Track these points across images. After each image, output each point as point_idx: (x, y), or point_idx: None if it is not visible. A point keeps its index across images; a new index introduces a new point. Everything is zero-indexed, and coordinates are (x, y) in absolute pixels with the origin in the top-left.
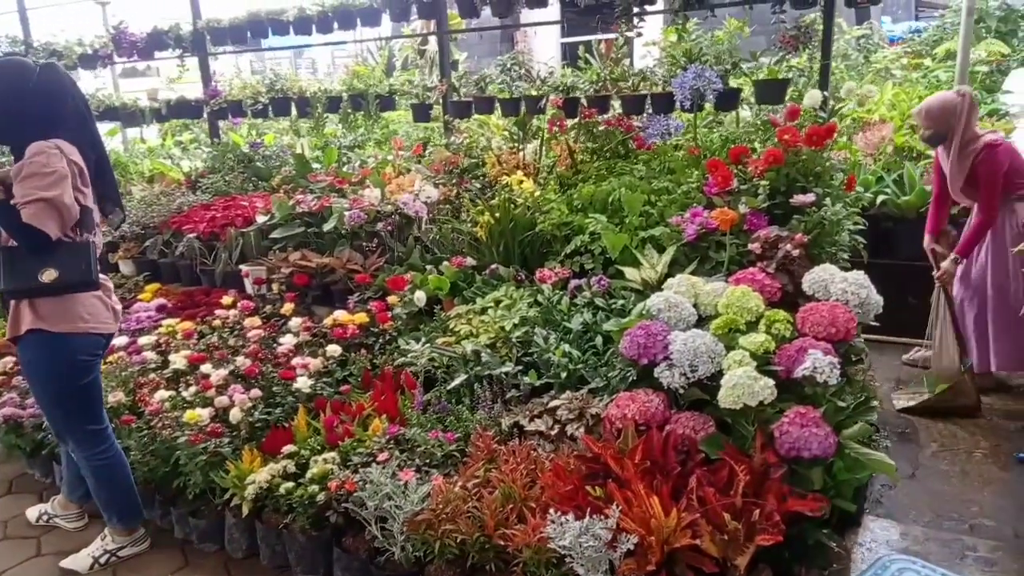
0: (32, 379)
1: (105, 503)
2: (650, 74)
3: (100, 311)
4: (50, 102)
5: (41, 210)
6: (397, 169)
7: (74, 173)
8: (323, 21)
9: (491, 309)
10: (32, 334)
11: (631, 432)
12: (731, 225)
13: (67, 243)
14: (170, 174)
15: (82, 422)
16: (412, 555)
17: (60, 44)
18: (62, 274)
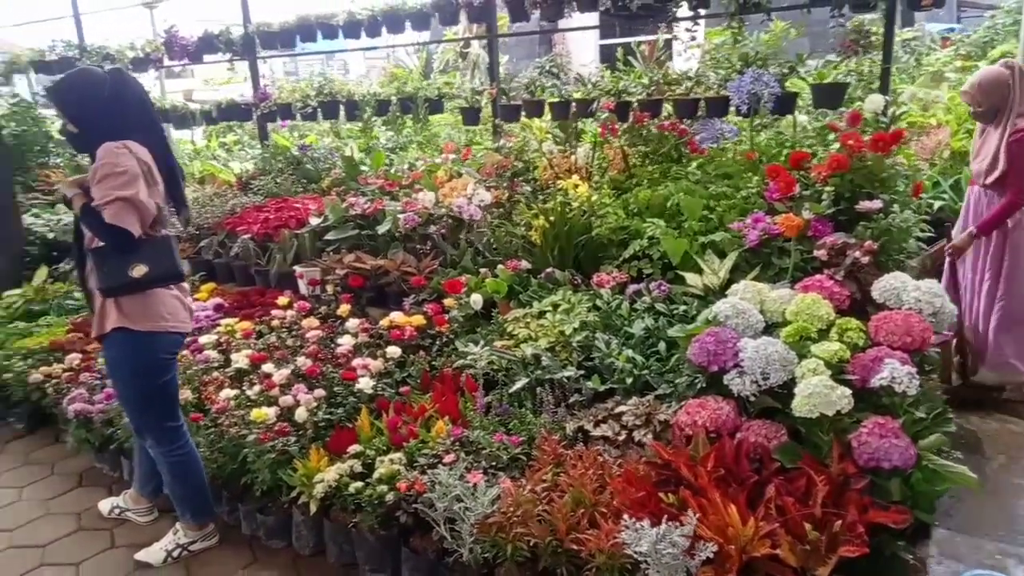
0: (115, 376)
1: (179, 498)
2: (704, 78)
3: (179, 310)
4: (121, 107)
5: (121, 209)
6: (448, 172)
7: (144, 172)
8: (372, 25)
9: (549, 313)
10: (117, 332)
11: (702, 439)
12: (797, 231)
13: (150, 239)
14: (220, 176)
15: (160, 419)
16: (480, 556)
17: (113, 48)
18: (151, 268)
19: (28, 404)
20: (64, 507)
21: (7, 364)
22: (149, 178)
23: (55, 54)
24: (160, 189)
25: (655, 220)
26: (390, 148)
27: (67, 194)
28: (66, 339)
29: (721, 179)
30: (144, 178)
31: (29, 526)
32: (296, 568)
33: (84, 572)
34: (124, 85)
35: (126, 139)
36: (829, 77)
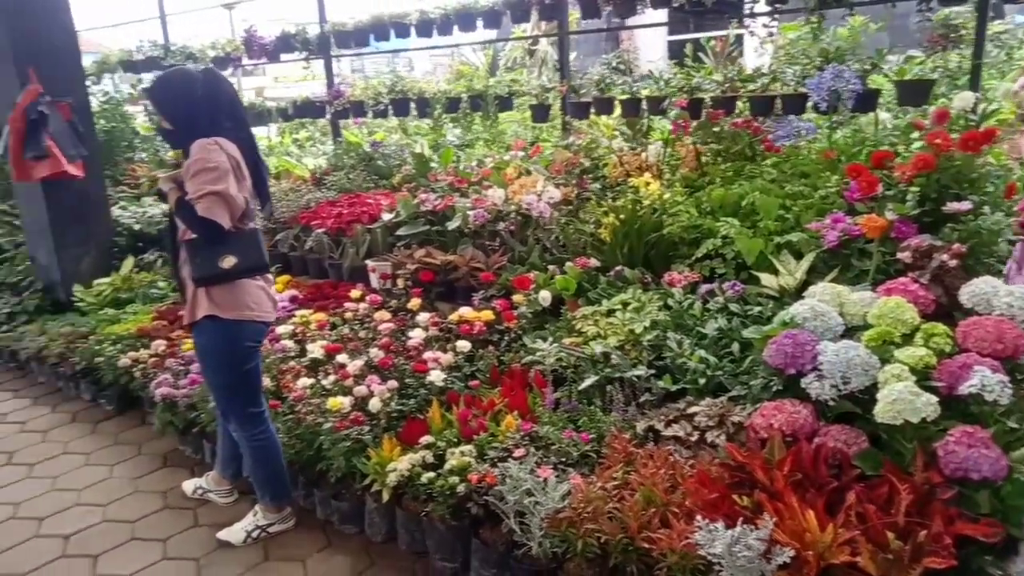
0: (204, 362)
1: (260, 482)
2: (780, 74)
3: (264, 300)
4: (213, 105)
5: (213, 203)
6: (517, 169)
7: (233, 167)
8: (444, 23)
9: (619, 311)
10: (207, 320)
11: (778, 443)
12: (880, 232)
13: (238, 232)
14: (295, 171)
15: (244, 404)
16: (550, 550)
17: (195, 48)
18: (239, 260)
19: (117, 387)
20: (151, 485)
21: (98, 349)
22: (238, 173)
23: (142, 54)
24: (248, 184)
25: (729, 219)
26: (458, 145)
27: (163, 189)
28: (152, 326)
29: (798, 178)
30: (234, 173)
31: (120, 502)
32: (368, 554)
33: (171, 547)
34: (216, 84)
35: (217, 136)
36: (910, 73)
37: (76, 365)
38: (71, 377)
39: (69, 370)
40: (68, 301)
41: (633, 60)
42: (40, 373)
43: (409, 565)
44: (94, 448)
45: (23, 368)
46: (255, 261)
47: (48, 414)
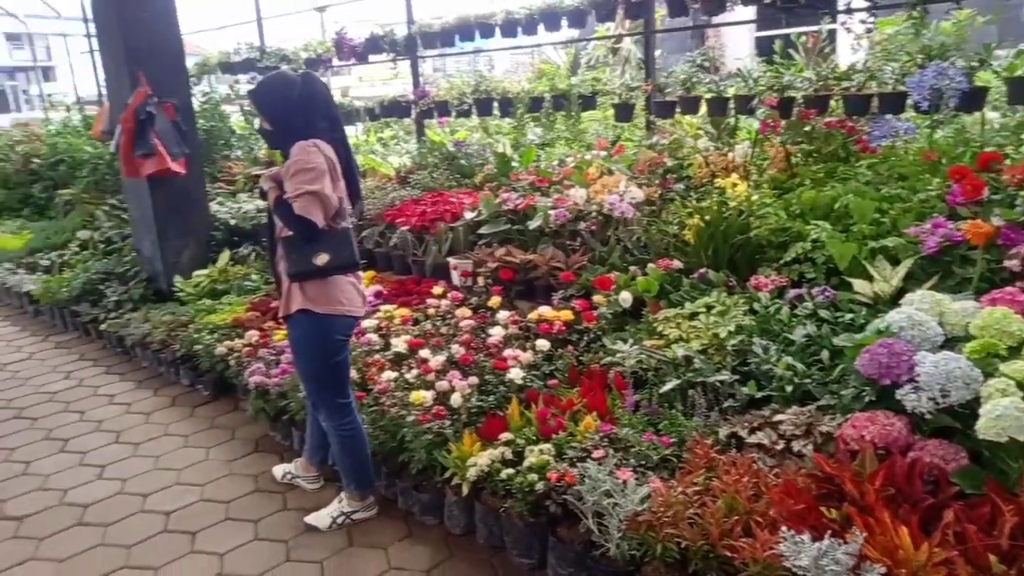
0: (297, 353)
1: (346, 470)
2: (878, 72)
3: (354, 296)
4: (310, 107)
5: (309, 202)
6: (600, 169)
7: (329, 168)
8: (529, 23)
9: (702, 314)
10: (300, 313)
11: (869, 455)
12: (985, 239)
13: (332, 231)
14: (380, 169)
15: (332, 395)
16: (627, 553)
17: (289, 50)
18: (332, 257)
19: (213, 374)
20: (243, 469)
21: (197, 337)
22: (333, 173)
23: (239, 56)
24: (342, 184)
25: (820, 222)
26: (539, 144)
27: (264, 187)
28: (246, 317)
29: (895, 180)
30: (329, 174)
31: (215, 483)
32: (447, 545)
33: (261, 528)
34: (312, 87)
35: (315, 137)
36: (1021, 69)
37: (176, 352)
38: (171, 363)
39: (170, 356)
40: (169, 291)
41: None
42: (144, 358)
43: (487, 559)
44: (192, 431)
45: (128, 353)
46: (347, 259)
47: (151, 397)
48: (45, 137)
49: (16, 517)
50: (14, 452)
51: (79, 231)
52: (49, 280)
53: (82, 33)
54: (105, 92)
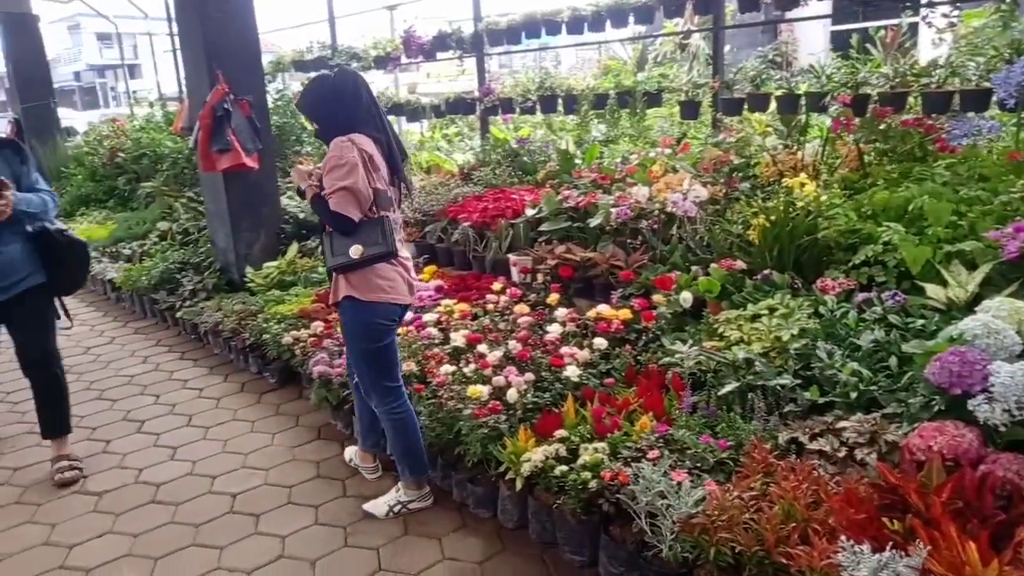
0: (346, 337)
1: (399, 455)
2: (961, 68)
3: (399, 283)
4: (344, 105)
5: (342, 197)
6: (663, 167)
7: (364, 160)
8: (596, 20)
9: (764, 316)
10: (347, 300)
11: (936, 467)
12: None
13: (368, 221)
14: (444, 166)
15: (379, 378)
16: (680, 555)
17: (359, 48)
18: (366, 249)
19: (280, 362)
20: (306, 455)
21: (265, 327)
22: (370, 166)
23: (311, 54)
24: (383, 174)
25: (892, 224)
26: (602, 141)
27: (301, 186)
28: (312, 308)
29: (975, 181)
30: (365, 166)
31: (279, 468)
32: (500, 538)
33: (322, 514)
34: (344, 85)
35: (353, 132)
36: None
37: (246, 340)
38: (241, 351)
39: (240, 344)
40: (241, 281)
41: (791, 53)
42: (215, 345)
43: (538, 554)
44: (258, 417)
45: (201, 340)
46: (382, 249)
47: (221, 383)
48: (130, 132)
49: (96, 493)
50: (95, 431)
51: (159, 222)
52: (130, 269)
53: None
54: (185, 89)
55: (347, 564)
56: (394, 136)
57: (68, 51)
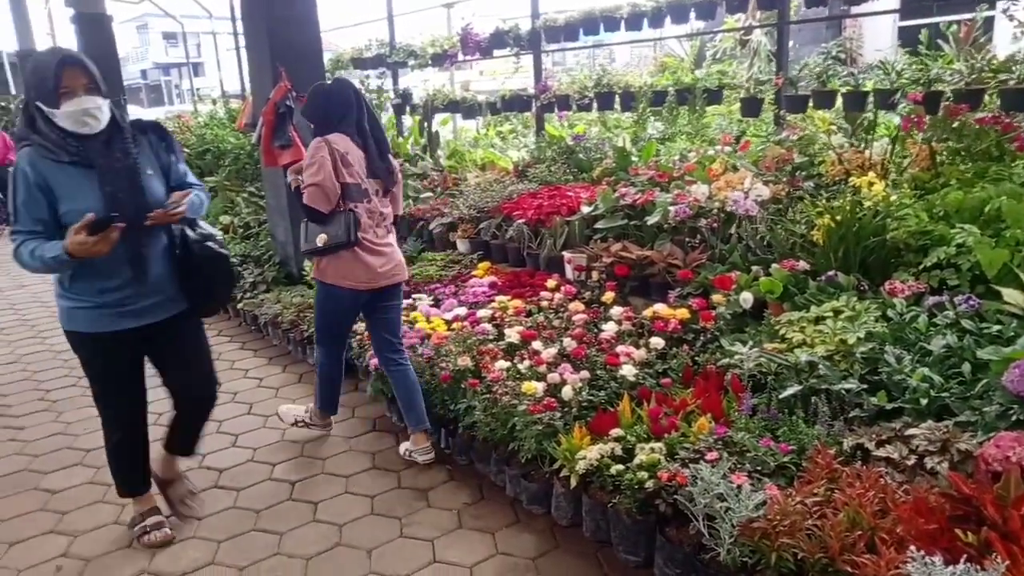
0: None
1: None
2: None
3: (359, 272)
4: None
5: (313, 192)
6: (723, 165)
7: (335, 158)
8: (656, 16)
9: (829, 319)
10: (317, 280)
11: (1015, 478)
12: None
13: (335, 213)
14: (499, 163)
15: (327, 341)
16: (739, 559)
17: (417, 45)
18: (330, 237)
19: None
20: (361, 446)
21: None
22: (341, 163)
23: (370, 52)
24: (355, 170)
25: (966, 226)
26: (659, 139)
27: (290, 182)
28: None
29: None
30: (335, 163)
31: (335, 458)
32: (554, 535)
33: (377, 504)
34: (336, 93)
35: (330, 133)
36: None
37: (304, 332)
38: (299, 342)
39: (298, 336)
40: (299, 274)
41: (857, 48)
42: (274, 336)
43: (592, 552)
44: None
45: (261, 331)
46: (343, 239)
47: (279, 373)
48: (194, 128)
49: None
50: (160, 417)
51: (221, 216)
52: None
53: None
54: (249, 87)
55: (402, 554)
56: (378, 137)
57: (136, 50)
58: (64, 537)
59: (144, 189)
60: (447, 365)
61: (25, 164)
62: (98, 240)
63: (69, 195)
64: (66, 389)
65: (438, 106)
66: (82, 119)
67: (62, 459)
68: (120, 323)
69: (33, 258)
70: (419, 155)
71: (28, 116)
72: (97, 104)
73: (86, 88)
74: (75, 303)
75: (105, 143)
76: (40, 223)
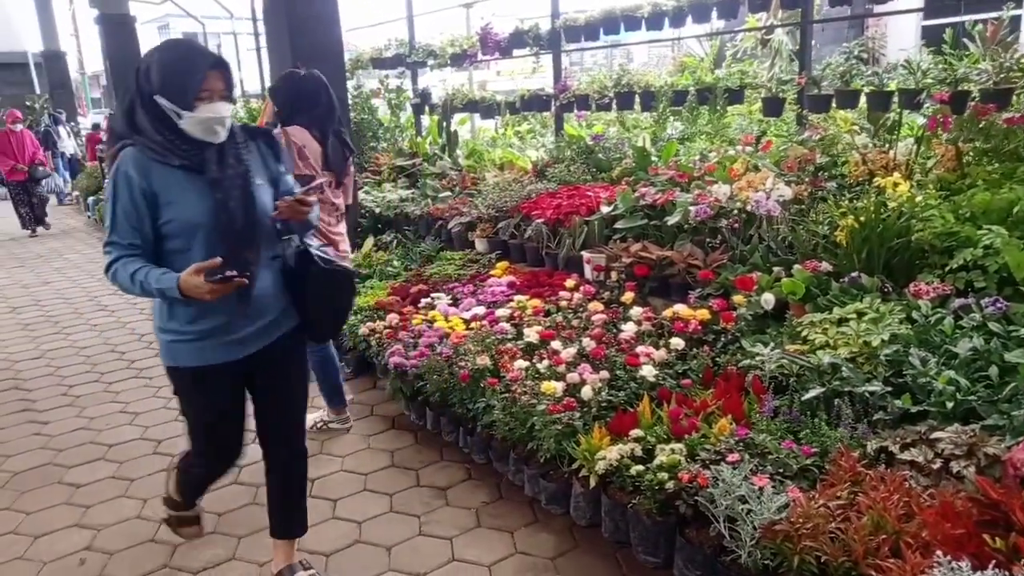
0: None
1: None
2: None
3: None
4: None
5: None
6: (745, 165)
7: (297, 149)
8: (677, 15)
9: (852, 320)
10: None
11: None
12: None
13: None
14: (518, 163)
15: None
16: (760, 562)
17: (436, 45)
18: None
19: (356, 352)
20: (380, 444)
21: None
22: (299, 155)
23: (390, 52)
24: (311, 162)
25: (994, 227)
26: (677, 139)
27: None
28: (388, 300)
29: None
30: (297, 154)
31: (354, 456)
32: (572, 535)
33: (396, 502)
34: (307, 85)
35: (292, 124)
36: None
37: None
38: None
39: None
40: None
41: (879, 49)
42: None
43: (611, 553)
44: None
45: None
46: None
47: None
48: None
49: None
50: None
51: None
52: None
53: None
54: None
55: (422, 552)
56: (336, 132)
57: None
58: (88, 531)
59: (255, 199)
60: (466, 364)
61: (130, 167)
62: (214, 289)
63: (175, 203)
64: (89, 385)
65: (457, 106)
66: (213, 127)
67: (86, 453)
68: (224, 354)
69: (133, 283)
70: (438, 154)
71: (128, 110)
72: (228, 113)
73: (222, 95)
74: (176, 336)
75: (218, 147)
76: (139, 236)
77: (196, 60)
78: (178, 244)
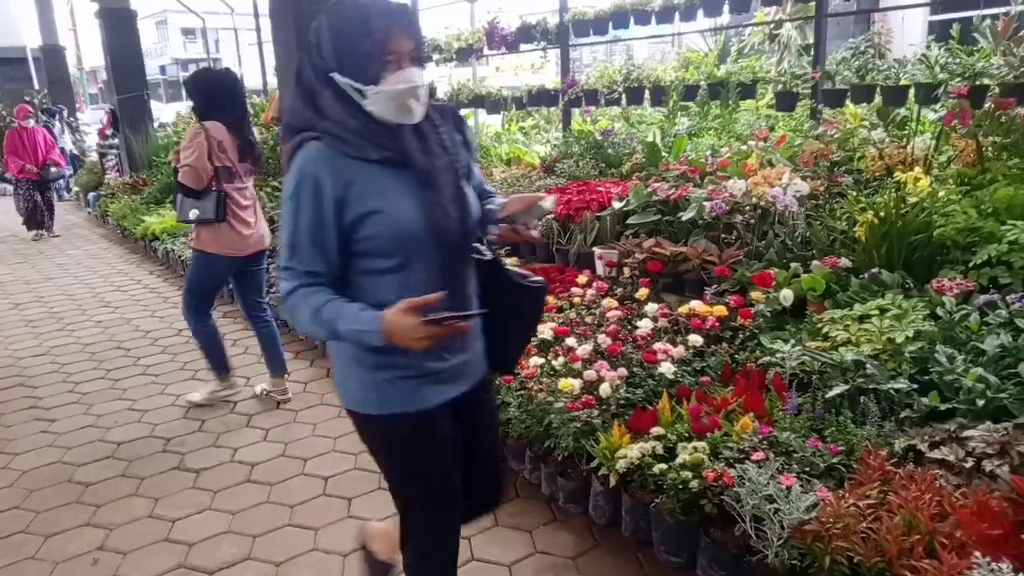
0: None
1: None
2: None
3: (233, 240)
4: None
5: (187, 172)
6: (759, 160)
7: (211, 144)
8: (689, 9)
9: (875, 317)
10: (196, 250)
11: None
12: None
13: (207, 192)
14: (525, 158)
15: (194, 301)
16: (788, 562)
17: (442, 39)
18: (201, 212)
19: None
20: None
21: None
22: (216, 148)
23: None
24: (229, 155)
25: (1018, 222)
26: (688, 134)
27: (172, 161)
28: None
29: None
30: (210, 148)
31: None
32: (592, 535)
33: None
34: (222, 81)
35: (209, 118)
36: None
37: None
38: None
39: None
40: None
41: (885, 44)
42: (299, 333)
43: (632, 552)
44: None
45: (287, 325)
46: (210, 216)
47: (307, 368)
48: None
49: (194, 470)
50: (188, 412)
51: None
52: None
53: (250, 27)
54: (270, 82)
55: None
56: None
57: (155, 46)
58: (100, 530)
59: (467, 199)
60: None
61: (319, 167)
62: (429, 335)
63: (382, 212)
64: (95, 382)
65: (463, 101)
66: (407, 103)
67: (94, 452)
68: (442, 393)
69: (317, 322)
70: None
71: (308, 93)
72: (422, 80)
73: (411, 57)
74: (385, 373)
75: (416, 131)
76: (324, 261)
77: (362, 16)
78: (379, 264)
